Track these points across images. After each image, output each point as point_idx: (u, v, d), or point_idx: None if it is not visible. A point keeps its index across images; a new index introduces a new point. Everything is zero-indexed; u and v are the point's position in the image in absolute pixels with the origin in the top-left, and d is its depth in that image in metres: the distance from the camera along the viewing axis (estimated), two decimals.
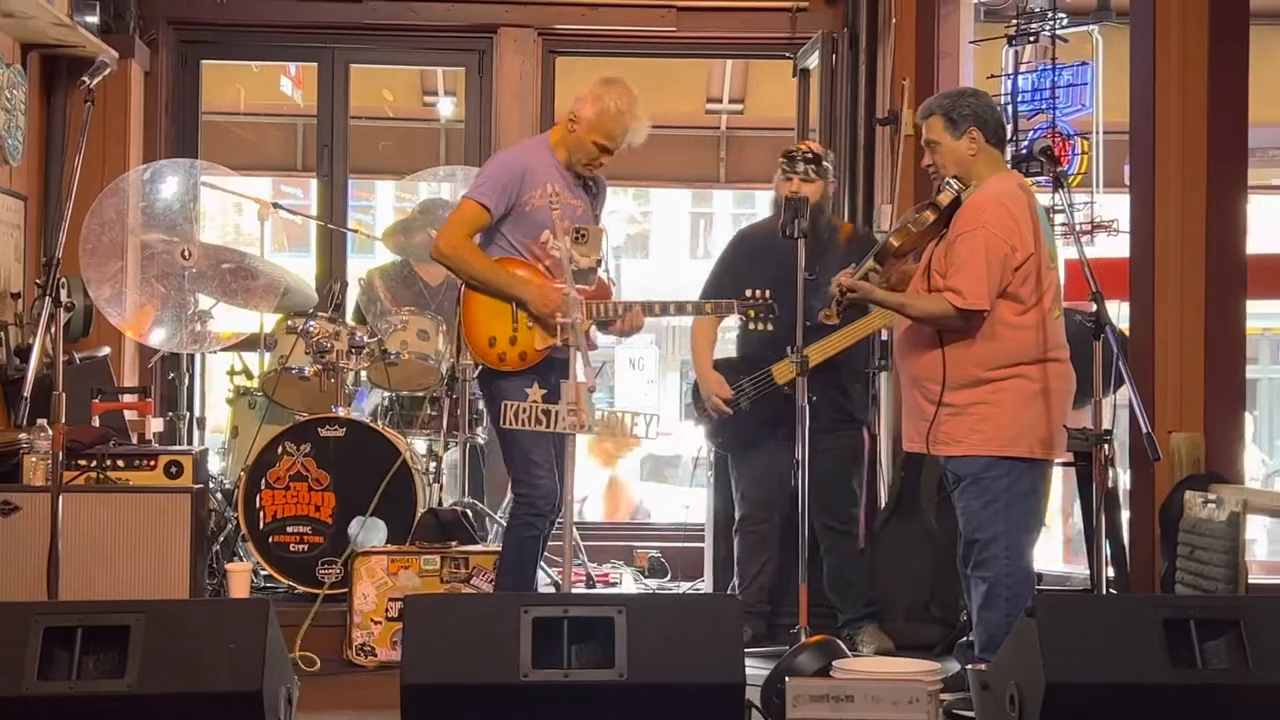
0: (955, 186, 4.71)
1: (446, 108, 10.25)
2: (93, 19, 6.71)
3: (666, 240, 21.34)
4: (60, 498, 4.29)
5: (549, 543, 6.64)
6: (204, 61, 7.73)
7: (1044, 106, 6.46)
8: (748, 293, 5.21)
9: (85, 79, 4.49)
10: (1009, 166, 4.96)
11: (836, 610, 5.82)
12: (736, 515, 5.96)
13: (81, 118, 4.53)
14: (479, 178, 5.29)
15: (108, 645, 3.58)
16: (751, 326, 5.22)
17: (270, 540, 5.91)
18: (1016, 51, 6.50)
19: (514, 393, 4.98)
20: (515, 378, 5.08)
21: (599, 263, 5.13)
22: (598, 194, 5.33)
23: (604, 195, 5.43)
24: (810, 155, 5.67)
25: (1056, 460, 4.82)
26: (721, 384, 5.77)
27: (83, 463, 5.42)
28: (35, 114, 6.77)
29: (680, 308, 5.44)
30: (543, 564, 6.45)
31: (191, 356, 6.66)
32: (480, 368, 5.30)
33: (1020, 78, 6.51)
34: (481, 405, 6.22)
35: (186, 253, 6.27)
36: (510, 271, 5.12)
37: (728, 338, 6.26)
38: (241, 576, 5.72)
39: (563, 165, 5.19)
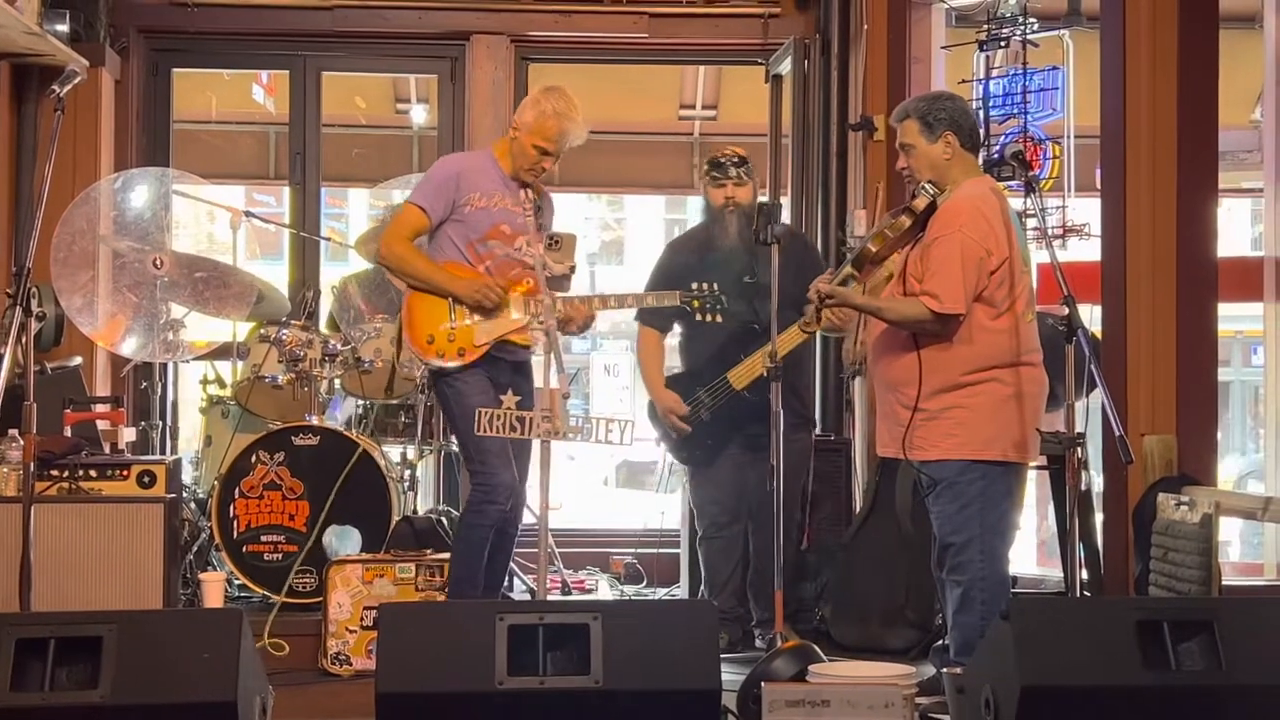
0: (930, 191, 4.71)
1: (419, 115, 10.24)
2: (63, 28, 6.68)
3: (641, 247, 21.33)
4: (32, 508, 4.27)
5: (520, 549, 6.64)
6: (175, 70, 7.72)
7: (1015, 111, 6.49)
8: (694, 285, 5.22)
9: (55, 88, 4.47)
10: (983, 171, 4.97)
11: (752, 608, 5.84)
12: (699, 525, 5.96)
13: (52, 127, 4.50)
14: (419, 183, 5.40)
15: (81, 656, 3.56)
16: (698, 318, 5.23)
17: (244, 550, 5.89)
18: (988, 56, 6.54)
19: (471, 384, 5.08)
20: (459, 375, 5.13)
21: (573, 269, 5.15)
22: (543, 209, 5.34)
23: (550, 211, 5.47)
24: (738, 159, 5.72)
25: (1030, 464, 4.84)
26: (677, 401, 5.77)
27: (55, 473, 5.39)
28: (5, 123, 6.74)
29: (621, 300, 5.46)
30: (518, 571, 6.45)
31: (164, 366, 6.63)
32: (426, 371, 5.31)
33: (991, 82, 6.55)
34: None
35: (158, 261, 6.24)
36: (444, 269, 5.19)
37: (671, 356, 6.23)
38: (215, 586, 5.70)
39: (508, 176, 5.25)
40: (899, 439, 4.75)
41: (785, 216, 6.84)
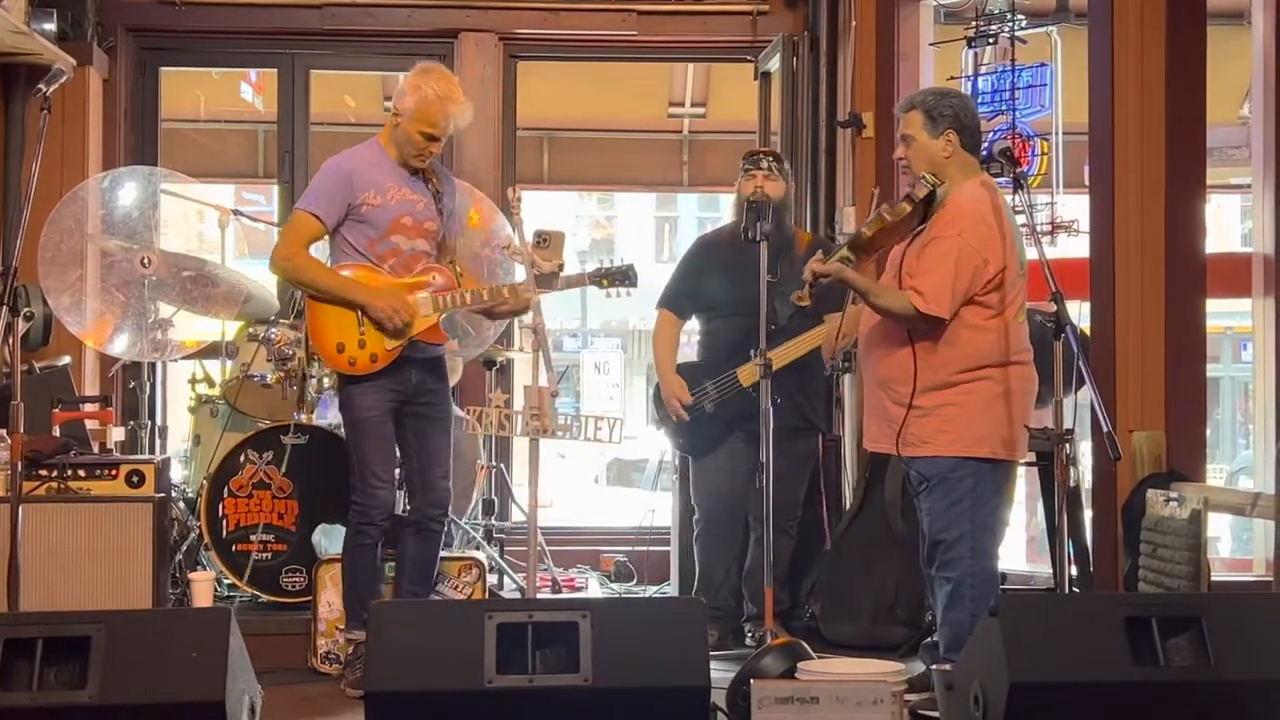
0: (931, 180, 4.70)
1: None
2: (50, 26, 6.67)
3: (631, 244, 21.35)
4: (20, 508, 4.26)
5: (510, 547, 6.64)
6: (163, 68, 7.70)
7: (1004, 108, 6.50)
8: (601, 261, 5.20)
9: (41, 86, 4.46)
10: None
11: (746, 604, 5.85)
12: (695, 520, 5.96)
13: (39, 126, 4.49)
14: (308, 188, 5.20)
15: (69, 656, 3.55)
16: (607, 296, 5.20)
17: (233, 549, 5.88)
18: (976, 53, 6.54)
19: (369, 397, 5.01)
20: (369, 381, 5.05)
21: (561, 266, 5.12)
22: (443, 189, 5.21)
23: (452, 189, 5.32)
24: (773, 155, 5.72)
25: (1020, 461, 4.84)
26: (683, 388, 5.78)
27: (43, 473, 5.38)
28: None
29: (531, 286, 5.15)
30: (508, 570, 6.45)
31: (153, 365, 6.63)
32: (333, 375, 5.23)
33: (980, 79, 6.55)
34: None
35: (146, 260, 6.24)
36: (345, 278, 5.04)
37: (693, 340, 6.27)
38: (204, 586, 5.69)
39: (396, 163, 5.10)
40: (890, 435, 4.75)
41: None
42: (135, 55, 7.53)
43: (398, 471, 5.30)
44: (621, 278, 5.18)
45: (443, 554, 5.61)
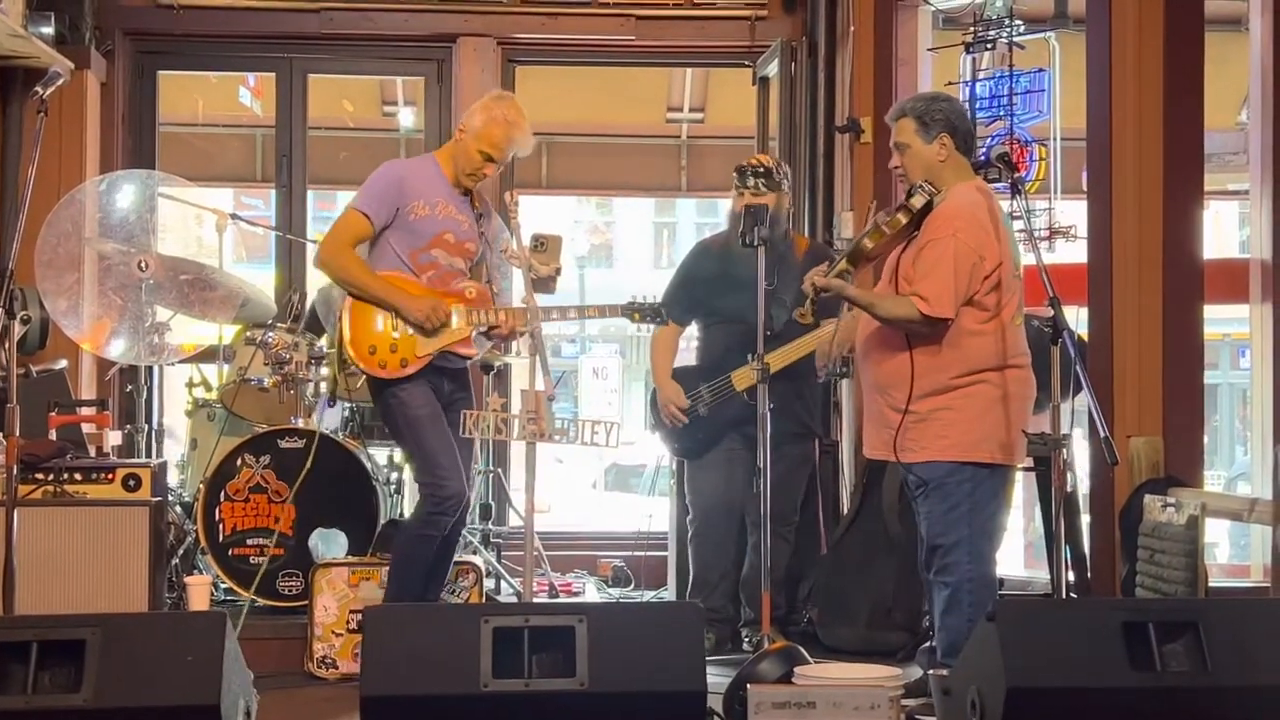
0: (928, 190, 4.70)
1: (406, 118, 10.24)
2: (48, 30, 6.67)
3: (630, 249, 21.38)
4: (15, 511, 4.26)
5: (508, 552, 6.63)
6: (161, 72, 7.71)
7: (1002, 113, 6.49)
8: (633, 297, 5.25)
9: (39, 89, 4.46)
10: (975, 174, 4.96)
11: (743, 608, 5.85)
12: (690, 522, 5.96)
13: (35, 128, 4.49)
14: (360, 188, 5.25)
15: (63, 660, 3.55)
16: (637, 329, 5.25)
17: (230, 553, 5.87)
18: (974, 58, 6.54)
19: (417, 395, 5.04)
20: (403, 385, 5.07)
21: (558, 271, 5.13)
22: (484, 216, 5.30)
23: (491, 220, 5.40)
24: (761, 169, 5.70)
25: (1018, 465, 4.84)
26: (678, 392, 5.80)
27: (40, 476, 5.37)
28: None
29: (564, 312, 5.44)
30: (505, 575, 6.44)
31: (150, 369, 6.62)
32: (365, 376, 5.26)
33: (978, 84, 6.55)
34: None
35: (144, 264, 6.23)
36: (385, 280, 5.10)
37: (691, 345, 6.27)
38: (201, 590, 5.68)
39: (449, 181, 5.18)
40: (888, 441, 4.74)
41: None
42: (133, 59, 7.53)
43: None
44: (653, 314, 5.23)
45: None
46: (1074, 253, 6.29)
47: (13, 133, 6.86)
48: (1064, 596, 4.48)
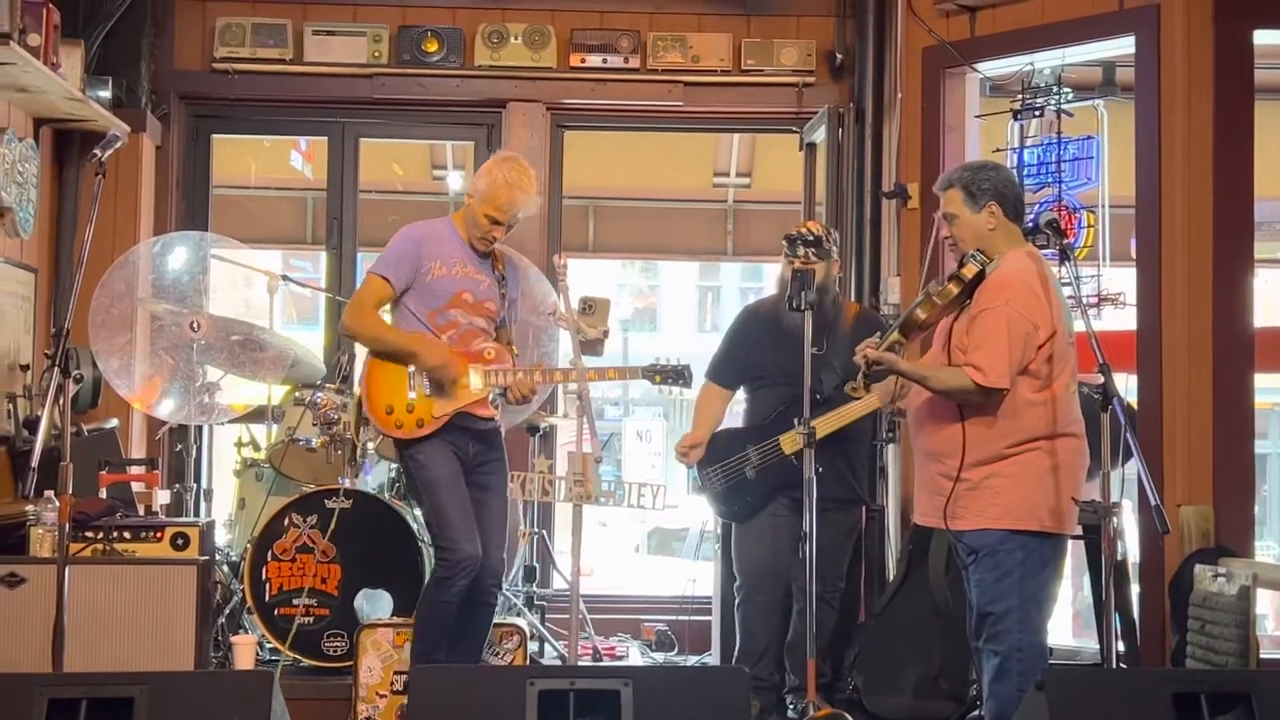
0: (980, 259, 4.69)
1: (455, 181, 10.32)
2: (105, 94, 6.79)
3: (674, 313, 21.39)
4: (66, 569, 4.29)
5: (552, 614, 6.61)
6: (215, 136, 7.80)
7: (1050, 180, 6.49)
8: (656, 359, 5.25)
9: (97, 151, 4.54)
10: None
11: (787, 674, 5.81)
12: (737, 588, 5.93)
13: (92, 191, 4.56)
14: (382, 253, 5.31)
15: (112, 717, 3.57)
16: (660, 391, 5.24)
17: (276, 613, 5.89)
18: (1022, 125, 6.55)
19: (437, 456, 5.05)
20: (421, 446, 5.10)
21: (606, 334, 5.15)
22: (506, 278, 5.33)
23: (516, 277, 5.44)
24: (811, 238, 5.69)
25: (1070, 534, 4.79)
26: (700, 444, 5.82)
27: (89, 534, 5.41)
28: (47, 188, 6.83)
29: (582, 375, 5.36)
30: (549, 638, 6.43)
31: (199, 428, 6.67)
32: (382, 437, 5.28)
33: (1026, 151, 6.55)
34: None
35: (195, 324, 6.30)
36: (404, 332, 5.16)
37: (737, 410, 6.27)
38: (246, 649, 5.70)
39: (466, 242, 5.24)
40: (939, 508, 4.71)
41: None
42: (188, 123, 7.63)
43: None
44: (676, 376, 5.24)
45: None
46: (1123, 320, 6.27)
47: (69, 195, 6.97)
48: (1114, 666, 4.44)
